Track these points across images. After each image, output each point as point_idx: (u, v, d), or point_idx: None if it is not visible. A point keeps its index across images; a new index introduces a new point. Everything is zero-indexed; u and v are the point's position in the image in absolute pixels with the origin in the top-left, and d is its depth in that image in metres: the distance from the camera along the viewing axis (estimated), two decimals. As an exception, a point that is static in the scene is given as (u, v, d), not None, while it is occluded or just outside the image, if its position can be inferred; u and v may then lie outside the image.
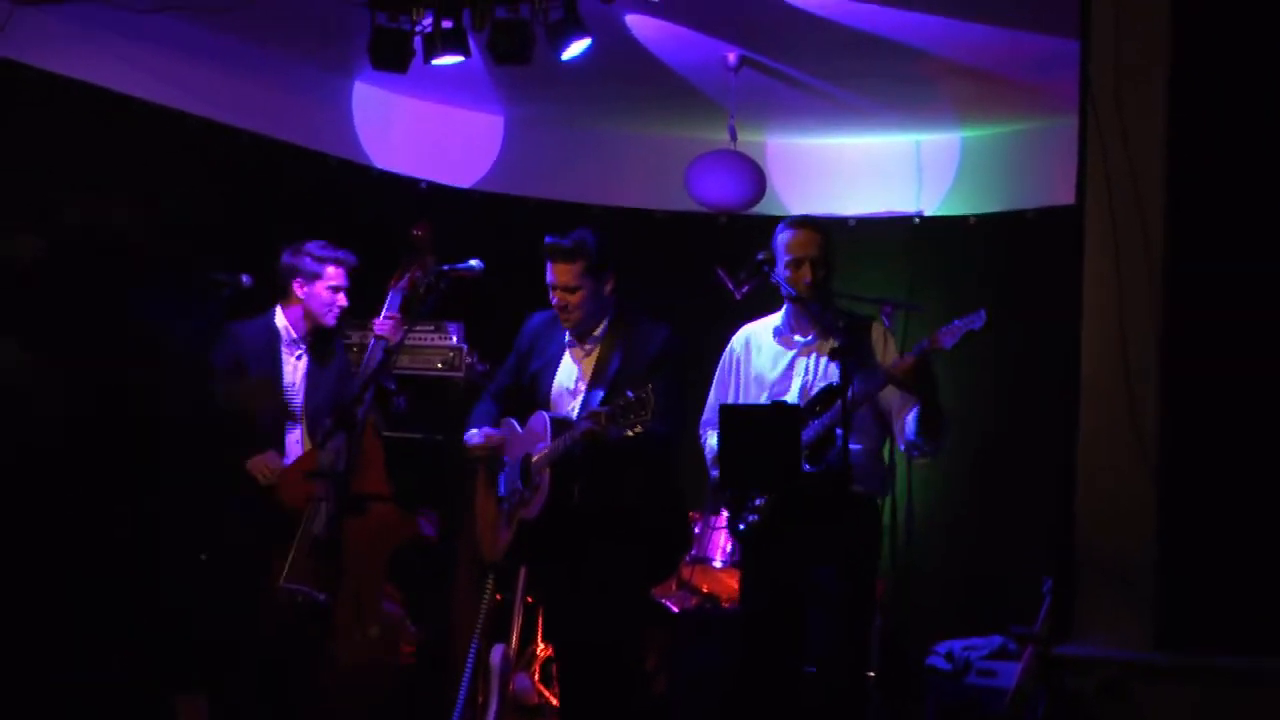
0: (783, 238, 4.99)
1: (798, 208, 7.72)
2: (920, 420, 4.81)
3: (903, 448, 4.94)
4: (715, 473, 5.09)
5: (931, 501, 7.03)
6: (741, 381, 5.14)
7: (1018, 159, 7.40)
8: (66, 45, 5.93)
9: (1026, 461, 6.88)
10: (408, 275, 5.69)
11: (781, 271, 4.92)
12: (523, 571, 6.22)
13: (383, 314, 5.69)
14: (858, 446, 4.83)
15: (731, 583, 6.56)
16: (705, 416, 5.27)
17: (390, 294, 5.70)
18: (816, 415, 4.81)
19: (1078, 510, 4.40)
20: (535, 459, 5.05)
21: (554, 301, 5.13)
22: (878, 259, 7.49)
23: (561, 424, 5.01)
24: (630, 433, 4.61)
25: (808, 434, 4.75)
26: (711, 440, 5.13)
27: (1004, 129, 7.44)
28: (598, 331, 5.17)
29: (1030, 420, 6.84)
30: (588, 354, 5.19)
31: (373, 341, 5.61)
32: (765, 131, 7.67)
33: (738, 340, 5.21)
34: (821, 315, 4.93)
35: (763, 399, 5.00)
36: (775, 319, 5.14)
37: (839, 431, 4.56)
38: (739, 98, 6.77)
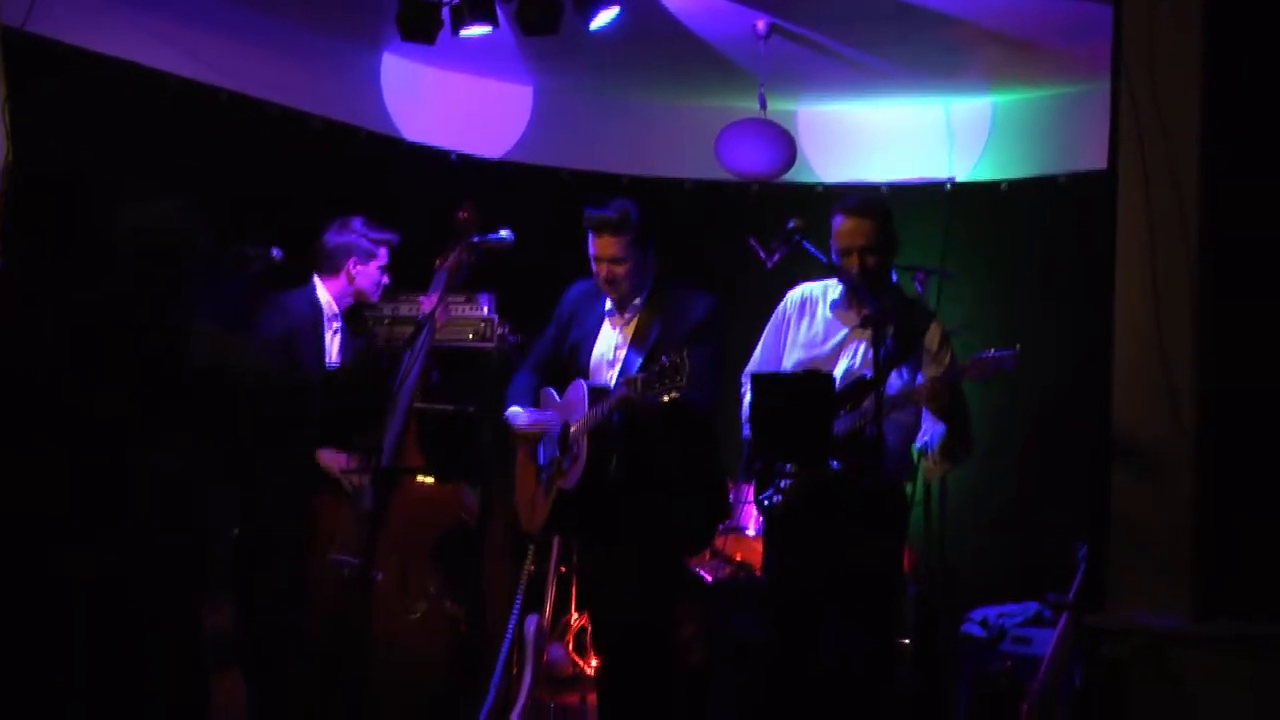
0: (833, 224, 4.94)
1: (829, 175, 7.70)
2: (945, 441, 4.78)
3: (919, 446, 4.90)
4: (748, 430, 5.08)
5: (969, 478, 7.00)
6: (788, 343, 5.10)
7: (1050, 124, 7.36)
8: (96, 20, 5.93)
9: (1061, 426, 6.85)
10: (454, 255, 5.68)
11: (835, 257, 4.90)
12: (555, 541, 6.23)
13: (429, 293, 5.68)
14: (890, 439, 4.77)
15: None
16: (748, 369, 5.22)
17: (437, 274, 5.69)
18: (846, 410, 4.74)
19: (1113, 476, 4.38)
20: (573, 428, 5.06)
21: (600, 274, 5.12)
22: (910, 225, 7.36)
23: (599, 392, 5.01)
24: (665, 398, 4.59)
25: (838, 428, 4.69)
26: (748, 395, 5.10)
27: (1036, 94, 7.39)
28: (637, 300, 5.17)
29: (1064, 386, 6.80)
30: (627, 323, 5.19)
31: (423, 321, 5.56)
32: (795, 99, 7.64)
33: (792, 299, 5.14)
34: (862, 300, 4.86)
35: (805, 367, 4.96)
36: (832, 288, 5.07)
37: (869, 430, 4.53)
38: (768, 65, 6.74)
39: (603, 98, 7.78)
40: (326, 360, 5.77)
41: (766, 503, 4.88)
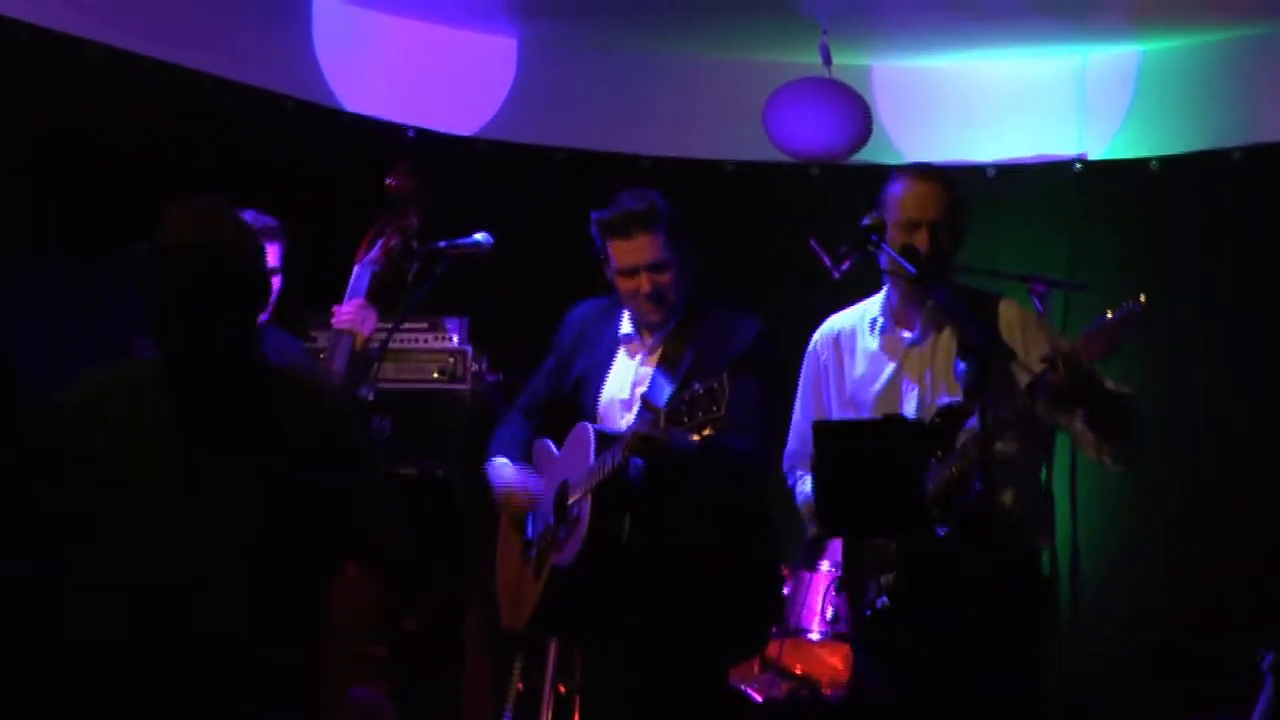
0: (895, 191, 4.93)
1: (914, 152, 7.68)
2: (1086, 419, 4.71)
3: (1095, 458, 4.84)
4: (813, 527, 5.05)
5: (1106, 543, 6.96)
6: (834, 397, 5.08)
7: (1217, 80, 7.34)
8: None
9: (1242, 481, 6.81)
10: (381, 243, 5.59)
11: (891, 236, 4.86)
12: (553, 647, 6.20)
13: (345, 298, 5.59)
14: (1008, 491, 4.71)
15: (834, 661, 6.51)
16: (790, 447, 5.19)
17: (356, 270, 5.55)
18: (939, 456, 4.68)
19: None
20: (572, 487, 5.03)
21: (640, 293, 5.08)
22: (1025, 219, 7.44)
23: (610, 440, 4.98)
24: (697, 435, 4.56)
25: (931, 480, 4.65)
26: (804, 485, 5.06)
27: (1197, 39, 7.38)
28: (667, 324, 5.16)
29: (1245, 428, 6.76)
30: (650, 351, 5.16)
31: (334, 338, 5.51)
32: (869, 51, 7.63)
33: (821, 340, 5.11)
34: (931, 300, 4.84)
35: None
36: (870, 307, 5.06)
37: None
38: (834, 5, 6.74)
39: (610, 52, 7.78)
40: None
41: (869, 611, 4.82)
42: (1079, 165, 7.59)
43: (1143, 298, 4.48)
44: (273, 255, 5.59)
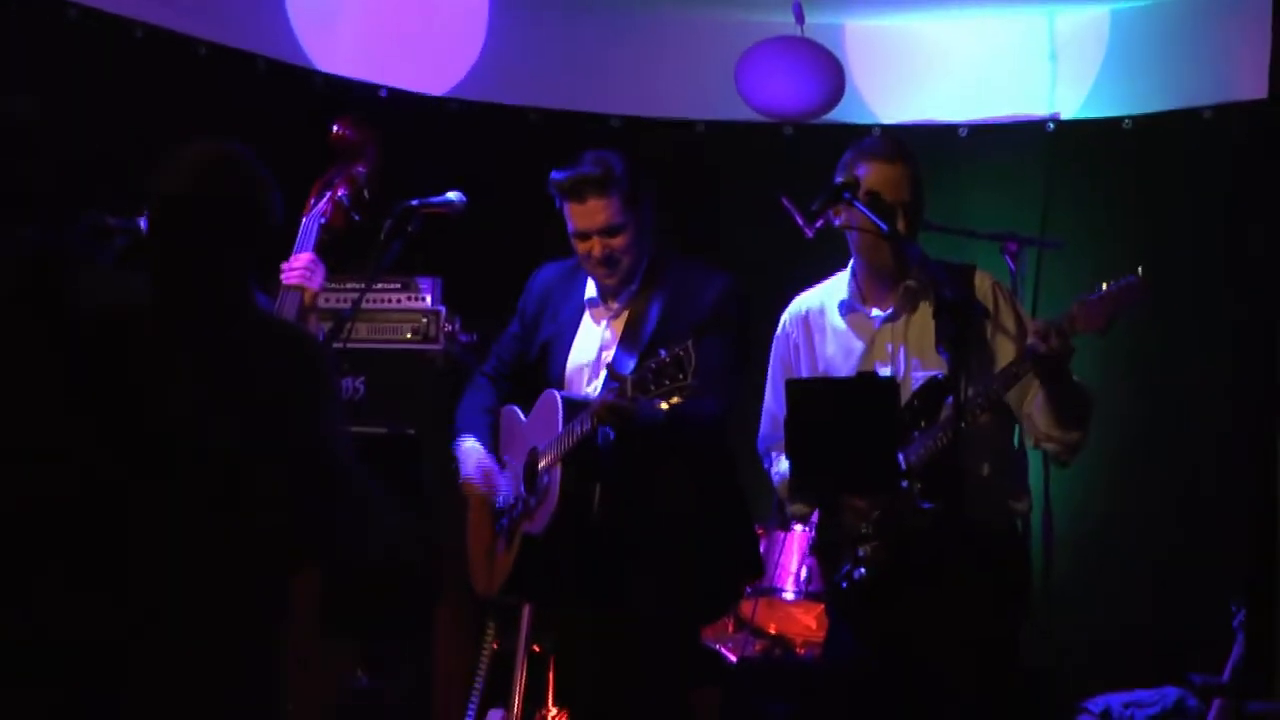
0: (860, 174, 4.89)
1: (887, 112, 7.68)
2: (1050, 404, 4.70)
3: (1034, 444, 4.85)
4: (790, 506, 5.08)
5: (1079, 507, 6.98)
6: (806, 373, 5.05)
7: (1188, 38, 7.34)
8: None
9: (1211, 447, 6.83)
10: (329, 195, 5.52)
11: (857, 220, 4.83)
12: (527, 612, 6.20)
13: (293, 252, 5.49)
14: (983, 462, 4.71)
15: (808, 620, 6.53)
16: (764, 430, 5.17)
17: (304, 223, 5.42)
18: (920, 428, 4.68)
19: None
20: (541, 457, 5.03)
21: (591, 255, 5.08)
22: (998, 180, 7.45)
23: (578, 406, 4.97)
24: (665, 404, 4.55)
25: (911, 453, 4.64)
26: (780, 465, 5.04)
27: (1167, -2, 7.38)
28: (631, 285, 5.14)
29: (1215, 392, 6.78)
30: (615, 315, 5.15)
31: (281, 295, 5.31)
32: (843, 9, 7.61)
33: (790, 320, 5.08)
34: (909, 278, 4.82)
35: None
36: (837, 286, 5.03)
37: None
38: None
39: (584, 11, 7.75)
40: None
41: (845, 584, 4.81)
42: (1052, 125, 7.59)
43: (1140, 270, 4.46)
44: None
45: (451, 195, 5.48)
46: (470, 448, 5.26)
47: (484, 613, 6.04)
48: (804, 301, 5.08)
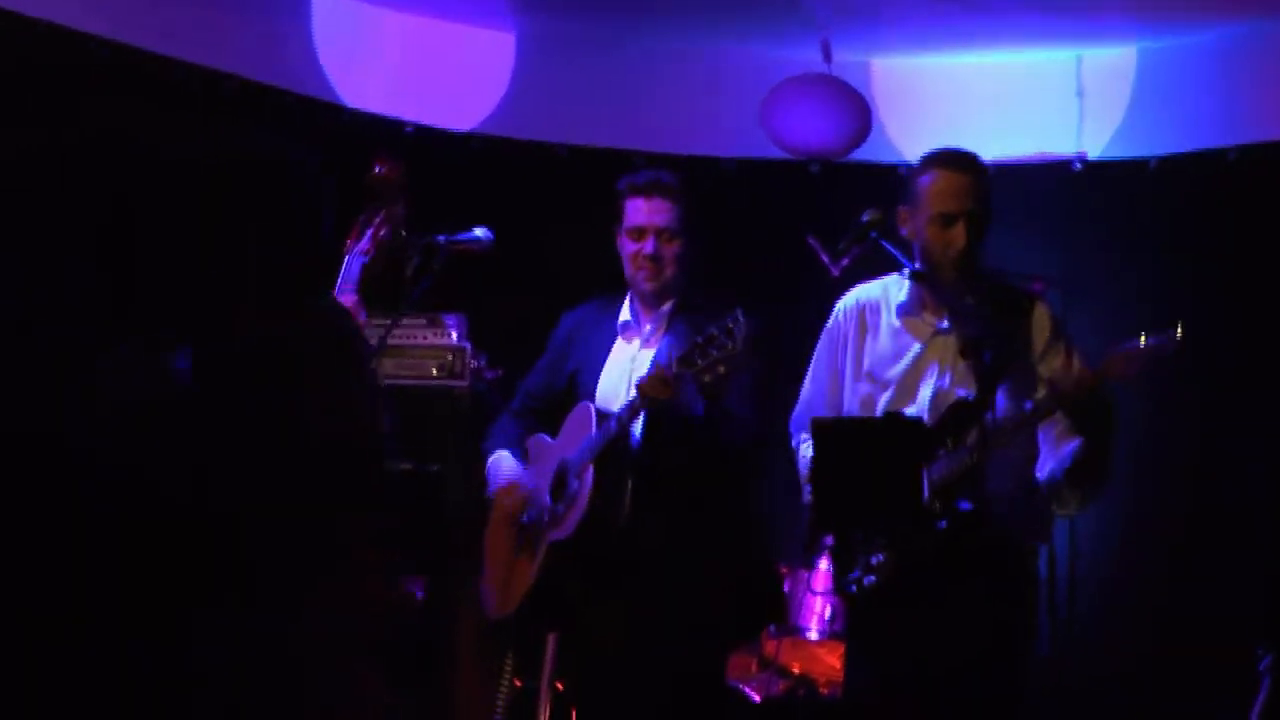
0: (925, 182, 4.88)
1: (913, 151, 7.67)
2: (1075, 462, 4.69)
3: (1041, 479, 4.83)
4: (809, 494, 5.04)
5: (1102, 544, 6.96)
6: (849, 369, 5.04)
7: (1214, 79, 7.34)
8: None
9: (1238, 483, 6.80)
10: (370, 233, 5.57)
11: (921, 231, 4.82)
12: (551, 645, 6.19)
13: (336, 289, 5.53)
14: (1005, 484, 4.70)
15: (832, 660, 6.50)
16: (798, 411, 5.17)
17: (347, 260, 5.49)
18: (948, 448, 4.67)
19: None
20: (572, 463, 5.04)
21: (640, 252, 5.17)
22: (1022, 219, 7.43)
23: (609, 417, 5.02)
24: (709, 377, 4.57)
25: (936, 472, 4.63)
26: (806, 450, 5.04)
27: (1196, 38, 7.37)
28: (663, 308, 5.18)
29: (1242, 429, 6.76)
30: (647, 342, 5.18)
31: None
32: (869, 47, 7.63)
33: (845, 309, 5.06)
34: (956, 292, 4.80)
35: (881, 402, 4.90)
36: (897, 286, 4.99)
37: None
38: (834, 1, 6.73)
39: (611, 48, 7.77)
40: None
41: (854, 588, 4.81)
42: (1078, 165, 7.59)
43: (1179, 331, 4.45)
44: None
45: (478, 231, 5.49)
46: (501, 455, 5.34)
47: (502, 644, 6.03)
48: (863, 292, 5.06)
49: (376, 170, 5.60)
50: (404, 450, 6.21)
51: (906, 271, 4.84)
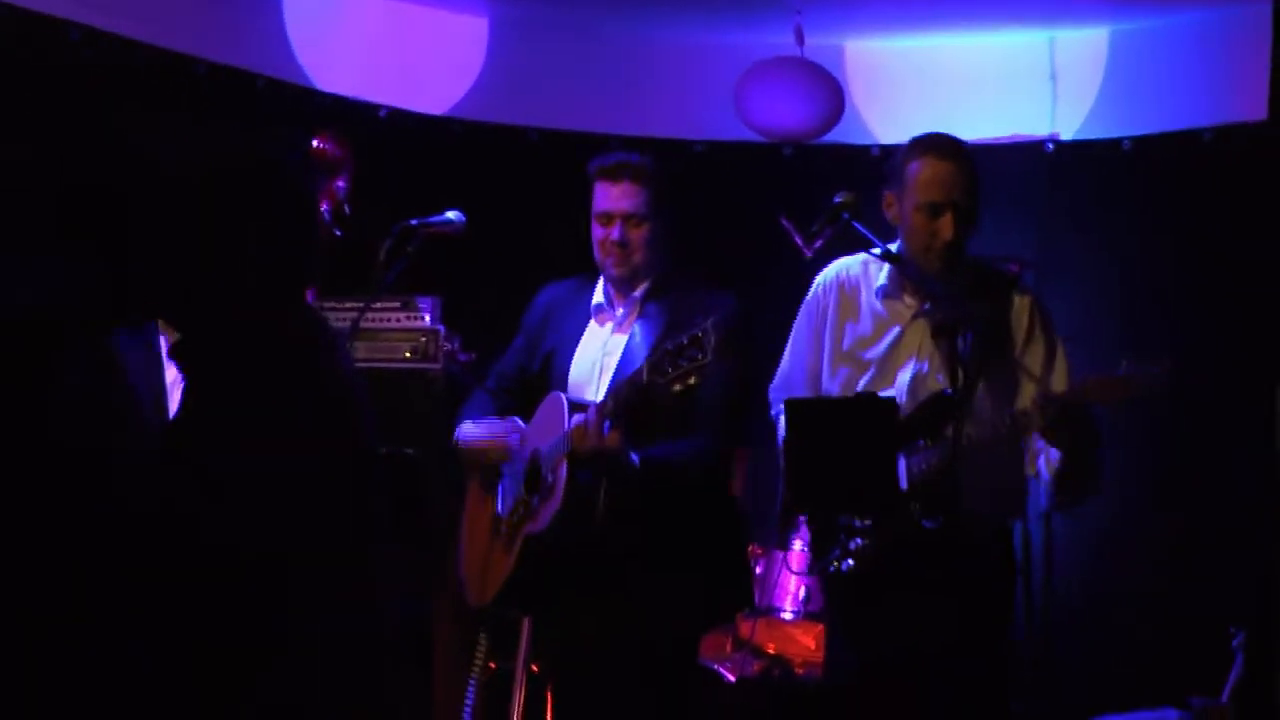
0: (913, 170, 4.84)
1: (886, 133, 7.68)
2: (1061, 470, 4.68)
3: (1030, 475, 4.83)
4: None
5: (1078, 523, 6.97)
6: (829, 345, 5.03)
7: (1188, 61, 7.35)
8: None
9: (1212, 469, 6.82)
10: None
11: (906, 217, 4.81)
12: (525, 628, 6.19)
13: None
14: (987, 480, 4.67)
15: (806, 640, 6.52)
16: (776, 383, 5.16)
17: None
18: (925, 440, 4.65)
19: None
20: (545, 455, 5.02)
21: (606, 237, 5.11)
22: (997, 201, 7.40)
23: (582, 407, 4.97)
24: (678, 386, 4.54)
25: (915, 465, 4.63)
26: (784, 421, 5.03)
27: (1168, 19, 7.38)
28: (637, 292, 5.15)
29: (1216, 415, 6.77)
30: (619, 326, 5.16)
31: None
32: (842, 30, 7.63)
33: (825, 283, 5.04)
34: (933, 276, 4.79)
35: (860, 384, 4.89)
36: (879, 268, 4.97)
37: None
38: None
39: (583, 32, 7.77)
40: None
41: (832, 568, 4.81)
42: (1051, 146, 7.60)
43: (1167, 362, 4.42)
44: None
45: (450, 214, 5.48)
46: (470, 425, 5.27)
47: (477, 628, 6.03)
48: (842, 266, 5.03)
49: (315, 144, 5.55)
50: (378, 434, 6.20)
51: (878, 252, 4.83)
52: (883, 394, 4.75)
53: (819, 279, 5.06)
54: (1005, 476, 4.81)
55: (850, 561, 4.74)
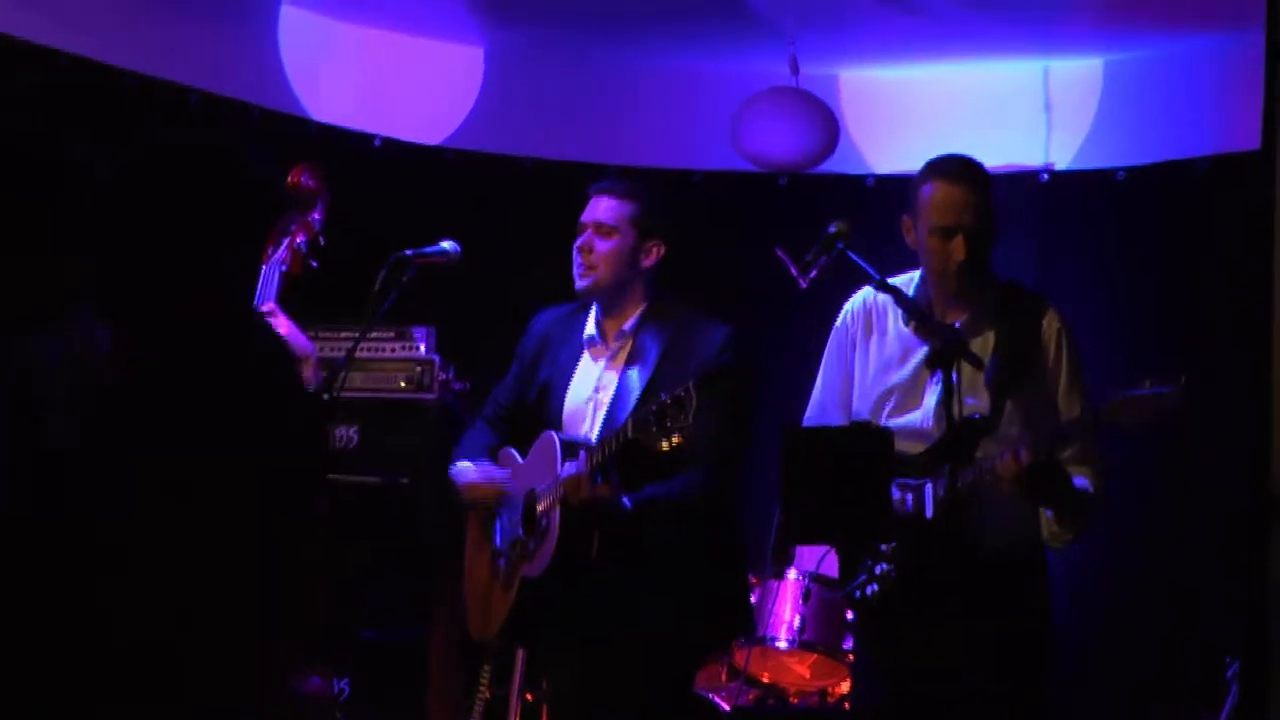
0: (925, 193, 4.81)
1: (881, 163, 7.70)
2: (1053, 522, 4.70)
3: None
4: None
5: (1080, 557, 6.96)
6: (859, 372, 5.02)
7: (1182, 91, 7.36)
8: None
9: (1205, 497, 6.83)
10: (287, 242, 5.46)
11: (922, 241, 4.81)
12: (520, 658, 6.19)
13: (257, 302, 5.35)
14: (1010, 505, 4.64)
15: (801, 669, 6.52)
16: (810, 414, 5.12)
17: (264, 272, 5.22)
18: (951, 465, 4.62)
19: (1274, 563, 4.35)
20: (540, 498, 5.02)
21: (576, 245, 5.12)
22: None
23: (575, 448, 4.97)
24: (666, 444, 4.54)
25: (939, 491, 4.62)
26: None
27: (1162, 50, 7.40)
28: (627, 324, 5.14)
29: (1211, 444, 6.77)
30: (613, 355, 5.15)
31: None
32: (837, 60, 7.65)
33: (853, 311, 5.00)
34: (971, 296, 4.78)
35: (887, 407, 4.88)
36: (904, 289, 4.95)
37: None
38: (802, 15, 6.74)
39: (579, 62, 7.78)
40: None
41: (858, 594, 4.80)
42: (1045, 176, 7.61)
43: (1182, 380, 4.42)
44: None
45: (445, 244, 5.48)
46: (465, 465, 5.23)
47: (478, 659, 6.03)
48: (869, 294, 4.97)
49: (292, 179, 5.52)
50: (373, 463, 6.21)
51: (875, 283, 4.83)
52: (909, 416, 4.78)
53: (847, 306, 5.05)
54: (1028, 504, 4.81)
55: (875, 587, 4.74)
